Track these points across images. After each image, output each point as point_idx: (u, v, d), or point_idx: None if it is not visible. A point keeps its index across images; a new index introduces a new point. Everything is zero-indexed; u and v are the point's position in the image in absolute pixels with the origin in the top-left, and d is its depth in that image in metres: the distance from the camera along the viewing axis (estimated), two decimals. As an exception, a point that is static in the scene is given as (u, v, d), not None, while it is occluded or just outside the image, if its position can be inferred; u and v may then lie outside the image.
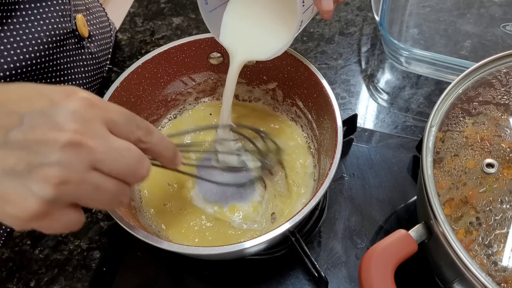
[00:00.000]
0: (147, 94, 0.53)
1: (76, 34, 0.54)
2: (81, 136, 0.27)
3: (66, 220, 0.29)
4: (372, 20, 0.71)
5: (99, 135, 0.28)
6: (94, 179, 0.28)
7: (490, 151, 0.40)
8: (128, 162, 0.30)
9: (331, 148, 0.45)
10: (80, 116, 0.28)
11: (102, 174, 0.29)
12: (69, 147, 0.27)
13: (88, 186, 0.28)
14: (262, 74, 0.55)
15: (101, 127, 0.29)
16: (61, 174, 0.26)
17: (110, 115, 0.30)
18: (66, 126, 0.27)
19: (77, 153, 0.27)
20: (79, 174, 0.27)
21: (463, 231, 0.37)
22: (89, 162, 0.28)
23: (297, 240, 0.47)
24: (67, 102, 0.28)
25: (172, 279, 0.50)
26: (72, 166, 0.27)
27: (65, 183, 0.27)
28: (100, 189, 0.29)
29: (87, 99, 0.29)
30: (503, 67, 0.44)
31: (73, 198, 0.28)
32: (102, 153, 0.28)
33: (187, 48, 0.52)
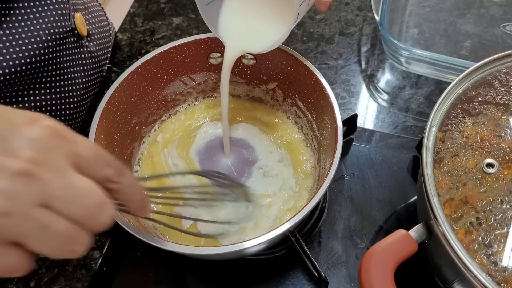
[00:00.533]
0: (147, 94, 0.53)
1: (75, 33, 0.54)
2: (35, 166, 0.24)
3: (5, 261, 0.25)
4: (372, 20, 0.71)
5: (57, 168, 0.25)
6: (42, 217, 0.25)
7: (490, 151, 0.40)
8: (87, 204, 0.26)
9: (331, 148, 0.45)
10: (39, 145, 0.25)
11: (53, 213, 0.25)
12: (19, 176, 0.24)
13: (33, 224, 0.24)
14: (262, 74, 0.55)
15: (62, 161, 0.26)
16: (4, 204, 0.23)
17: (76, 149, 0.27)
18: (22, 153, 0.24)
19: (27, 184, 0.24)
20: (24, 208, 0.24)
21: (463, 231, 0.37)
22: (39, 197, 0.24)
23: (297, 240, 0.47)
24: (29, 127, 0.25)
25: (172, 279, 0.50)
26: (17, 198, 0.24)
27: (5, 215, 0.24)
28: (48, 230, 0.25)
29: (52, 127, 0.26)
30: (503, 67, 0.44)
31: (15, 235, 0.24)
32: (56, 189, 0.25)
33: (187, 48, 0.52)
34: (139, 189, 0.32)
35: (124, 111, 0.50)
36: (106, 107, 0.47)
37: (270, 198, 0.50)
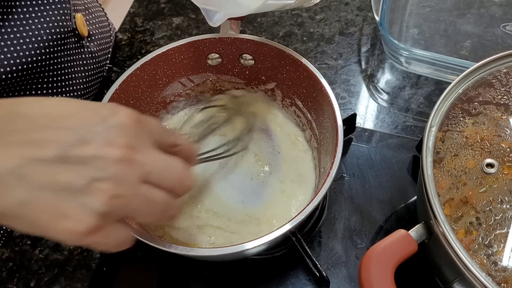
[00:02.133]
0: (146, 96, 0.53)
1: (76, 34, 0.54)
2: (132, 151, 0.28)
3: (118, 236, 0.29)
4: (372, 20, 0.71)
5: (146, 149, 0.29)
6: (146, 192, 0.29)
7: (490, 151, 0.40)
8: (175, 172, 0.31)
9: (331, 148, 0.45)
10: (129, 132, 0.29)
11: (152, 187, 0.29)
12: (122, 162, 0.27)
13: (140, 199, 0.29)
14: (260, 75, 0.55)
15: (147, 142, 0.30)
16: (115, 188, 0.27)
17: (151, 128, 0.31)
18: (119, 142, 0.28)
19: (130, 167, 0.28)
20: (132, 188, 0.28)
21: (463, 231, 0.37)
22: (140, 176, 0.28)
23: (298, 240, 0.47)
24: (115, 117, 0.29)
25: (172, 279, 0.50)
26: (124, 180, 0.27)
27: (119, 197, 0.27)
28: (150, 202, 0.29)
29: (132, 115, 0.29)
30: (503, 67, 0.44)
31: (125, 212, 0.28)
32: (151, 166, 0.29)
33: (185, 50, 0.52)
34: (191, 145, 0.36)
35: None
36: (106, 109, 0.47)
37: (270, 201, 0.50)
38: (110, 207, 0.27)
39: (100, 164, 0.27)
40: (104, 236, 0.28)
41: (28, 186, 0.26)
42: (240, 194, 0.51)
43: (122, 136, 0.28)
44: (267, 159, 0.53)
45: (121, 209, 0.28)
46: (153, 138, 0.31)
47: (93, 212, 0.26)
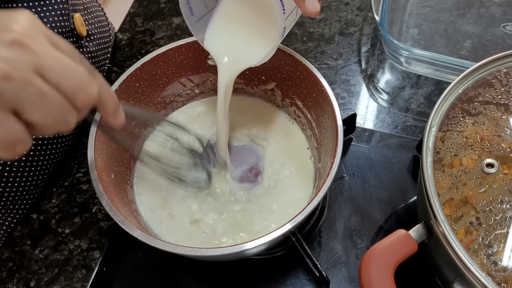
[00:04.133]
0: (146, 96, 0.53)
1: (74, 33, 0.54)
2: (27, 38, 0.27)
3: (10, 128, 0.27)
4: (372, 20, 0.71)
5: (45, 45, 0.28)
6: (39, 84, 0.28)
7: (490, 151, 0.40)
8: (76, 75, 0.29)
9: (331, 148, 0.45)
10: (28, 25, 0.28)
11: (48, 84, 0.28)
12: (13, 45, 0.27)
13: (32, 89, 0.27)
14: (260, 74, 0.55)
15: (47, 41, 0.29)
16: (5, 68, 0.26)
17: (55, 36, 0.30)
18: (14, 28, 0.27)
19: (22, 52, 0.27)
20: (23, 73, 0.27)
21: (463, 231, 0.37)
22: (33, 64, 0.27)
23: (298, 240, 0.47)
24: (18, 13, 0.28)
25: (172, 279, 0.50)
26: (16, 63, 0.27)
27: (8, 79, 0.26)
28: (44, 97, 0.28)
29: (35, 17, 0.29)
30: (503, 67, 0.44)
31: (16, 100, 0.27)
32: (48, 59, 0.28)
33: (185, 50, 0.52)
34: (112, 93, 0.34)
35: None
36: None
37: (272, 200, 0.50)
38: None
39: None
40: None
41: None
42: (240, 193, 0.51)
43: (19, 25, 0.28)
44: (267, 159, 0.53)
45: (10, 93, 0.27)
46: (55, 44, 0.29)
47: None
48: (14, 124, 0.28)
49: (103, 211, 0.53)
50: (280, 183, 0.51)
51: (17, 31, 0.27)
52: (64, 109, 0.29)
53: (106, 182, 0.43)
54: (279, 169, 0.52)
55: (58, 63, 0.28)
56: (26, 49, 0.27)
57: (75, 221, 0.53)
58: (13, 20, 0.28)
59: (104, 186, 0.42)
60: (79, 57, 0.31)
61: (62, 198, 0.55)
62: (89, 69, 0.31)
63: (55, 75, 0.28)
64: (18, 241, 0.52)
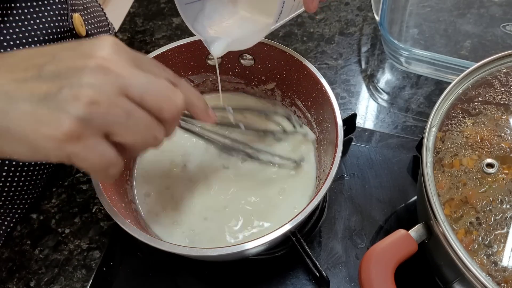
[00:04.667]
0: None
1: (73, 33, 0.54)
2: (109, 62, 0.28)
3: (100, 152, 0.28)
4: (372, 20, 0.71)
5: (127, 64, 0.29)
6: (124, 105, 0.28)
7: (490, 151, 0.40)
8: (160, 89, 0.30)
9: (331, 148, 0.45)
10: (109, 49, 0.29)
11: (133, 102, 0.29)
12: (98, 70, 0.28)
13: (119, 110, 0.28)
14: (260, 75, 0.55)
15: (129, 62, 0.30)
16: (92, 94, 0.27)
17: (136, 55, 0.31)
18: (96, 54, 0.28)
19: (106, 76, 0.28)
20: (109, 96, 0.28)
21: (463, 231, 0.37)
22: (118, 86, 0.28)
23: (298, 240, 0.47)
24: (95, 40, 0.30)
25: (172, 279, 0.50)
26: (102, 88, 0.28)
27: (96, 103, 0.27)
28: (131, 116, 0.29)
29: (115, 40, 0.30)
30: (503, 67, 0.44)
31: (105, 122, 0.28)
32: (131, 78, 0.29)
33: (185, 50, 0.52)
34: (198, 94, 0.36)
35: None
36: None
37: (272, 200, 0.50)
38: (88, 113, 0.27)
39: (75, 74, 0.27)
40: (85, 148, 0.28)
41: (6, 99, 0.27)
42: (240, 193, 0.51)
43: (100, 49, 0.29)
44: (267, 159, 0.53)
45: (99, 118, 0.28)
46: (138, 64, 0.30)
47: (71, 116, 0.27)
48: (106, 147, 0.29)
49: (103, 211, 0.53)
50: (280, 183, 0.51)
51: (101, 57, 0.28)
52: (152, 125, 0.30)
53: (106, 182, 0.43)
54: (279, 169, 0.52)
55: (140, 80, 0.29)
56: (109, 72, 0.28)
57: (75, 221, 0.53)
58: (97, 47, 0.29)
59: (104, 186, 0.42)
60: (162, 68, 0.33)
61: (62, 198, 0.55)
62: (173, 78, 0.33)
63: (138, 92, 0.29)
64: (18, 241, 0.52)
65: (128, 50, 0.31)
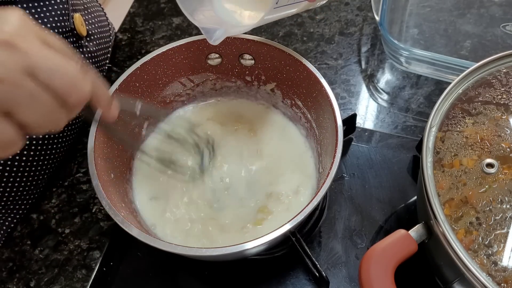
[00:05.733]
0: (146, 96, 0.52)
1: (74, 33, 0.54)
2: (16, 37, 0.27)
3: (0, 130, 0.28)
4: (372, 20, 0.71)
5: (35, 42, 0.28)
6: (29, 86, 0.27)
7: (490, 151, 0.40)
8: (67, 73, 0.29)
9: (331, 148, 0.45)
10: (18, 24, 0.27)
11: (38, 84, 0.28)
12: (3, 46, 0.26)
13: (23, 91, 0.27)
14: (260, 75, 0.55)
15: (37, 39, 0.28)
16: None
17: (47, 33, 0.29)
18: (3, 28, 0.27)
19: (12, 53, 0.27)
20: (13, 75, 0.27)
21: (463, 231, 0.37)
22: (24, 65, 0.27)
23: (297, 240, 0.47)
24: (8, 13, 0.28)
25: (172, 279, 0.50)
26: (6, 66, 0.26)
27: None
28: (35, 99, 0.28)
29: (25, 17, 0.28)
30: (503, 67, 0.44)
31: (7, 102, 0.27)
32: (38, 57, 0.27)
33: (185, 49, 0.52)
34: (105, 85, 0.34)
35: (123, 113, 0.50)
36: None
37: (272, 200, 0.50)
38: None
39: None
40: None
41: None
42: (239, 194, 0.51)
43: (9, 25, 0.27)
44: (267, 160, 0.53)
45: (1, 95, 0.27)
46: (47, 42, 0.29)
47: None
48: (5, 126, 0.28)
49: (103, 211, 0.53)
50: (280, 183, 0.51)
51: (7, 32, 0.27)
52: (55, 109, 0.29)
53: (106, 182, 0.43)
54: (279, 169, 0.52)
55: (49, 62, 0.28)
56: (16, 49, 0.27)
57: (75, 221, 0.53)
58: (2, 20, 0.28)
59: (104, 186, 0.42)
60: (72, 53, 0.31)
61: (62, 198, 0.55)
62: (82, 65, 0.31)
63: (45, 74, 0.28)
64: (18, 241, 0.52)
65: (37, 27, 0.29)
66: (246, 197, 0.50)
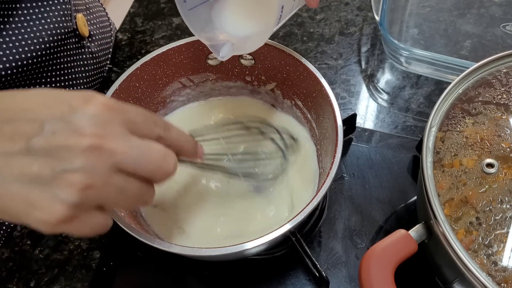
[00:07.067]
0: (146, 96, 0.53)
1: (76, 34, 0.54)
2: (101, 139, 0.27)
3: (93, 223, 0.29)
4: (372, 20, 0.71)
5: (119, 136, 0.28)
6: (118, 182, 0.28)
7: (490, 151, 0.40)
8: (151, 159, 0.29)
9: (331, 148, 0.45)
10: (99, 120, 0.28)
11: (126, 175, 0.29)
12: (90, 151, 0.27)
13: (112, 189, 0.28)
14: (260, 75, 0.55)
15: (120, 128, 0.29)
16: (85, 179, 0.27)
17: (128, 116, 0.30)
18: (86, 131, 0.27)
19: (99, 156, 0.27)
20: (103, 178, 0.27)
21: (463, 231, 0.37)
22: (111, 165, 0.28)
23: (297, 240, 0.47)
24: (85, 106, 0.28)
25: (172, 279, 0.50)
26: (95, 170, 0.27)
27: (90, 188, 0.27)
28: (124, 191, 0.29)
29: (105, 102, 0.29)
30: (503, 67, 0.44)
31: (98, 201, 0.28)
32: (123, 153, 0.28)
33: (185, 49, 0.52)
34: (187, 137, 0.35)
35: None
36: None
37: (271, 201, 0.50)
38: (82, 198, 0.27)
39: (67, 155, 0.26)
40: (79, 225, 0.28)
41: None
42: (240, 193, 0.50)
43: (91, 125, 0.27)
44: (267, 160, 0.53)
45: (93, 199, 0.28)
46: (131, 127, 0.30)
47: (65, 203, 0.26)
48: (97, 218, 0.29)
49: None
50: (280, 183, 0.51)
51: (91, 134, 0.27)
52: (142, 192, 0.30)
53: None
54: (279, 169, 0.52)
55: (134, 153, 0.29)
56: (102, 152, 0.27)
57: (75, 221, 0.53)
58: (87, 118, 0.27)
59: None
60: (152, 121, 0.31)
61: (62, 198, 0.55)
62: (163, 128, 0.32)
63: (132, 166, 0.29)
64: (18, 241, 0.52)
65: (119, 110, 0.29)
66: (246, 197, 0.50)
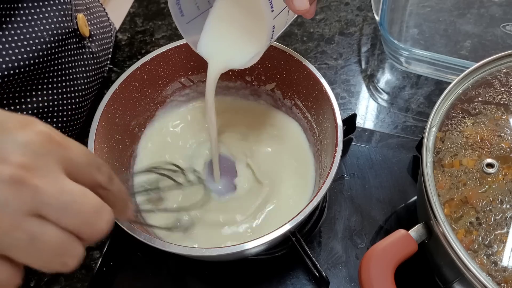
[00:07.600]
0: (146, 96, 0.53)
1: (77, 34, 0.54)
2: (26, 172, 0.23)
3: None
4: (372, 20, 0.71)
5: (49, 174, 0.24)
6: (31, 228, 0.23)
7: (490, 151, 0.40)
8: (83, 210, 0.24)
9: (331, 148, 0.45)
10: (31, 149, 0.23)
11: (45, 223, 0.24)
12: (9, 183, 0.22)
13: (21, 235, 0.23)
14: (260, 75, 0.55)
15: (54, 166, 0.24)
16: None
17: (68, 154, 0.25)
18: (12, 159, 0.23)
19: (18, 191, 0.23)
20: (12, 218, 0.22)
21: (463, 231, 0.37)
22: (30, 205, 0.23)
23: (297, 240, 0.47)
24: (20, 132, 0.24)
25: (172, 279, 0.50)
26: (6, 207, 0.22)
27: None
28: (36, 241, 0.23)
29: (45, 132, 0.24)
30: (503, 67, 0.44)
31: (1, 245, 0.23)
32: (49, 195, 0.23)
33: (185, 50, 0.52)
34: (125, 195, 0.31)
35: (123, 113, 0.50)
36: (105, 110, 0.47)
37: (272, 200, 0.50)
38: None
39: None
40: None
41: None
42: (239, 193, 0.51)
43: (21, 154, 0.23)
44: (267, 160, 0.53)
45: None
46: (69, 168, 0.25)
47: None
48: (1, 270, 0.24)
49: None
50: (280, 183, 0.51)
51: (17, 164, 0.23)
52: (62, 250, 0.24)
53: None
54: (279, 169, 0.52)
55: (62, 198, 0.24)
56: (24, 186, 0.23)
57: (75, 221, 0.53)
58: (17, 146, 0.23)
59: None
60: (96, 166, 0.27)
61: (62, 198, 0.55)
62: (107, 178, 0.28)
63: (55, 211, 0.24)
64: (18, 241, 0.52)
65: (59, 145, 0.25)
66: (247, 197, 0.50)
